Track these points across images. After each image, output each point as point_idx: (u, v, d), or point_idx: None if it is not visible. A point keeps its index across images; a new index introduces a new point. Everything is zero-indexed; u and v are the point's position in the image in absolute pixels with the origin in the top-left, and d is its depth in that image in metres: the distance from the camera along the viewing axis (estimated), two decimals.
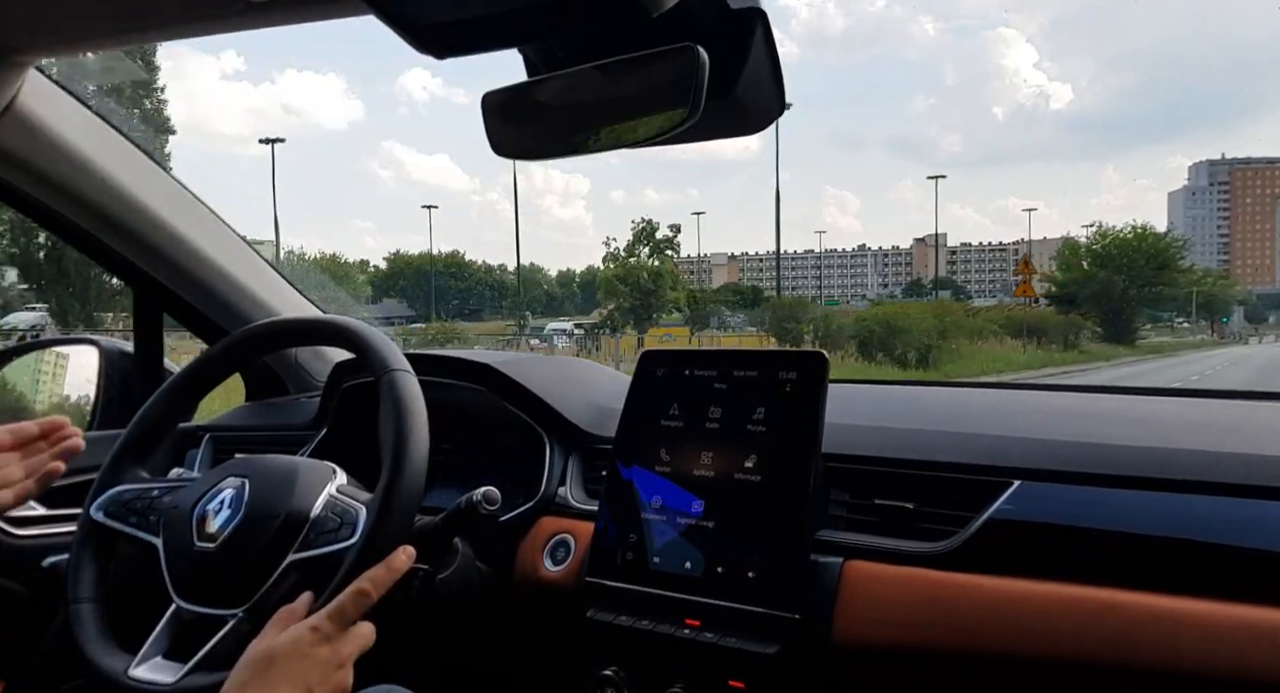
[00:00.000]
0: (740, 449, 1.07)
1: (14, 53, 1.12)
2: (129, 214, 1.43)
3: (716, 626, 1.00)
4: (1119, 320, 38.19)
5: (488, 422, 1.36)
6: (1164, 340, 47.69)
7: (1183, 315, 66.34)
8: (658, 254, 39.37)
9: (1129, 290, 39.66)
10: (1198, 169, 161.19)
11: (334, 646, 0.84)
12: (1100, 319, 37.60)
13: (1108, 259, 41.10)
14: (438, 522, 1.05)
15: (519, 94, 0.81)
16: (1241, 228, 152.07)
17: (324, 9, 0.96)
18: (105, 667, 0.97)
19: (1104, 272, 39.88)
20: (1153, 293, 41.01)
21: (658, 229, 40.00)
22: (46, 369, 1.83)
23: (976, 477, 1.01)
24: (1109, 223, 54.91)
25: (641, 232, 39.45)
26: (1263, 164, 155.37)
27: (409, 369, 1.03)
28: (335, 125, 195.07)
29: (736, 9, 0.71)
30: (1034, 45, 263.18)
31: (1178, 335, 58.95)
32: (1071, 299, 38.26)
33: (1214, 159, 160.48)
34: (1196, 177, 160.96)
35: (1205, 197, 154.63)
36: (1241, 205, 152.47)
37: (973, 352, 23.60)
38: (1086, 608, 0.87)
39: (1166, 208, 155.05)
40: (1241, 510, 0.89)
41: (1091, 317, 37.38)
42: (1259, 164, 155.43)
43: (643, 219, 40.31)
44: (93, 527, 1.08)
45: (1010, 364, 22.42)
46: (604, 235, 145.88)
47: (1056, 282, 43.97)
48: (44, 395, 1.84)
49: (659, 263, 39.28)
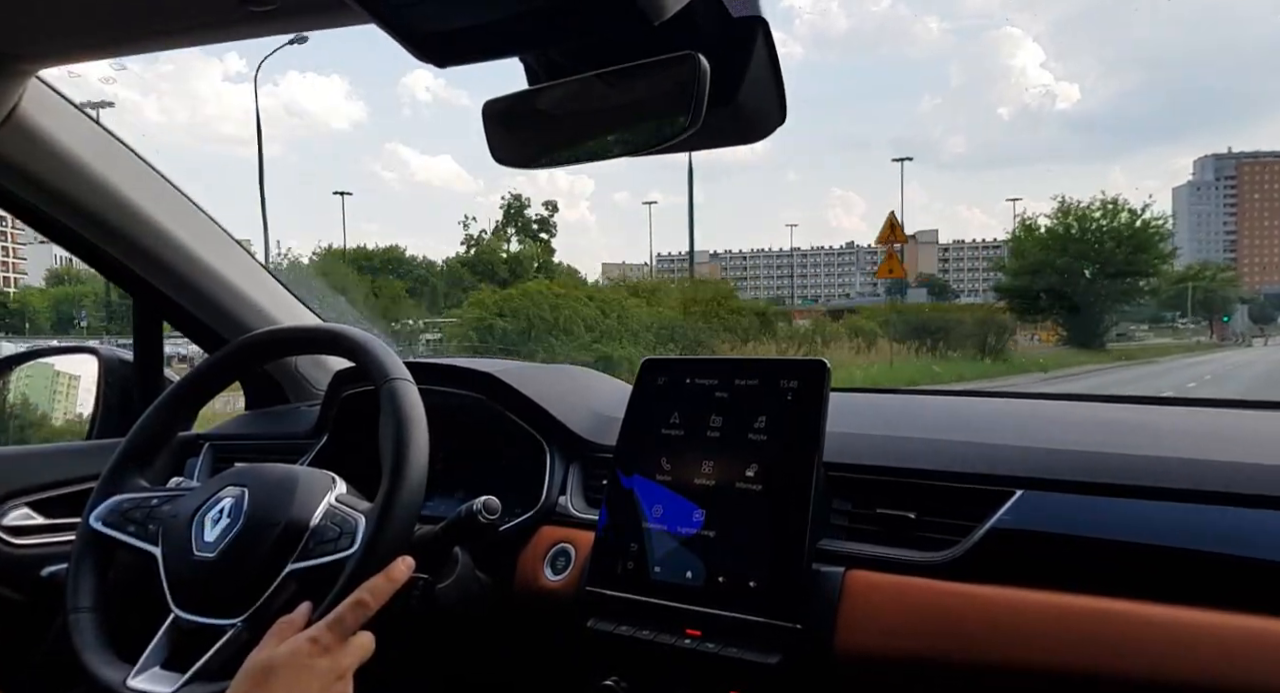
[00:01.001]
0: (741, 458, 1.06)
1: (16, 61, 1.13)
2: (129, 223, 1.43)
3: (718, 636, 1.00)
4: (1084, 319, 31.01)
5: (488, 430, 1.35)
6: (1146, 344, 40.90)
7: (1186, 314, 59.55)
8: (528, 237, 32.90)
9: (1096, 281, 31.28)
10: (1203, 163, 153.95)
11: (333, 657, 0.84)
12: (1062, 317, 31.49)
13: (1070, 242, 32.28)
14: (438, 531, 1.05)
15: (520, 102, 0.81)
16: (1249, 225, 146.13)
17: (325, 18, 0.96)
18: (103, 677, 0.97)
19: (1064, 257, 31.44)
20: (1125, 285, 32.17)
21: (527, 206, 33.17)
22: (47, 378, 1.83)
23: (979, 486, 1.00)
24: (1074, 197, 45.06)
25: (510, 210, 32.66)
26: (1271, 158, 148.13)
27: (409, 378, 1.03)
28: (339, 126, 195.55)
29: (738, 17, 0.71)
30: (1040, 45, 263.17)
31: (1179, 336, 53.31)
32: (1025, 293, 31.28)
33: (1220, 153, 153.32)
34: (1202, 171, 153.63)
35: (1211, 192, 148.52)
36: (1249, 201, 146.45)
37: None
38: (1089, 618, 0.86)
39: (1171, 203, 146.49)
40: (1244, 520, 0.88)
41: (1052, 314, 31.70)
42: (1267, 158, 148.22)
43: (511, 194, 34.18)
44: (92, 536, 1.08)
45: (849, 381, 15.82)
46: (608, 238, 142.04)
47: (1008, 270, 35.68)
48: (44, 404, 1.84)
49: (522, 247, 32.13)
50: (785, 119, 0.78)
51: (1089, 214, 32.81)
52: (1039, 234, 33.50)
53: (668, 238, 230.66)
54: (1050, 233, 33.09)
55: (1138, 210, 32.45)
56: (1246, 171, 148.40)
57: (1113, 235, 31.75)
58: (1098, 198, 33.76)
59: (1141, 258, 31.66)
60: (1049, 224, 33.68)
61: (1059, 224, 33.07)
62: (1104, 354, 28.67)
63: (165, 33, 1.04)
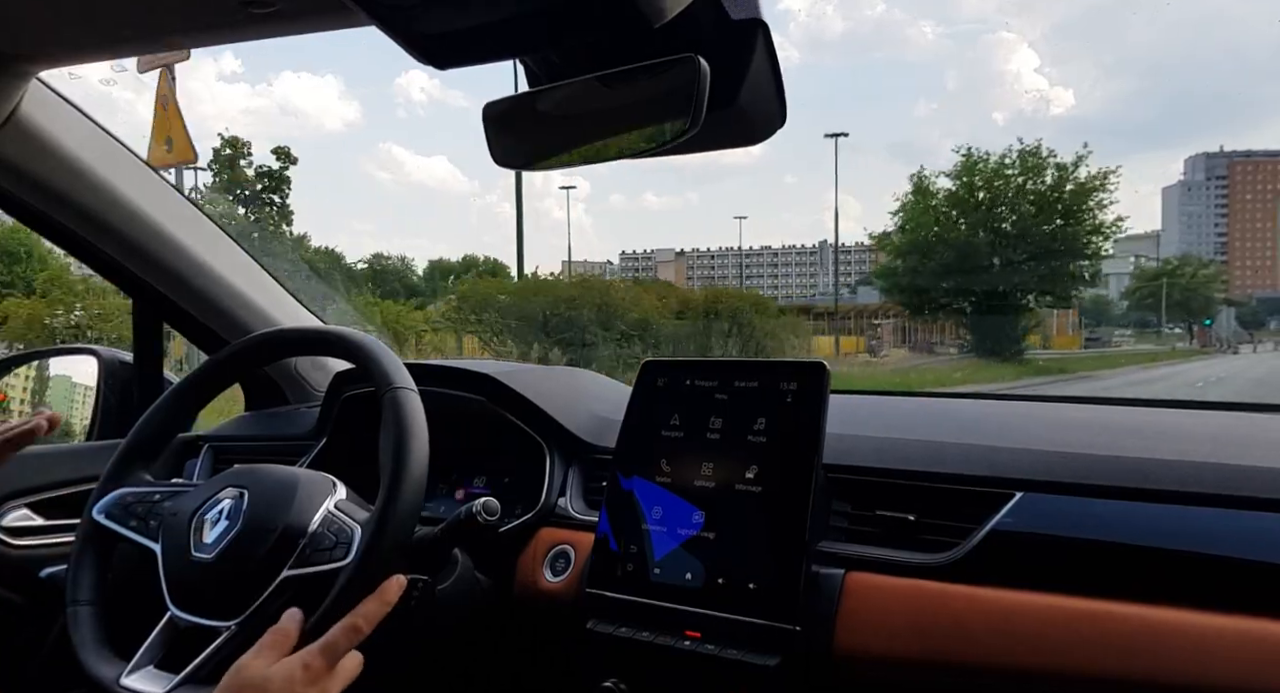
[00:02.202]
0: (741, 460, 1.06)
1: (17, 63, 1.13)
2: (129, 224, 1.43)
3: (717, 637, 1.00)
4: (992, 319, 22.05)
5: (488, 432, 1.35)
6: (1106, 352, 32.18)
7: (1161, 317, 53.10)
8: (249, 196, 21.90)
9: (1008, 263, 21.90)
10: (1194, 163, 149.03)
11: (322, 686, 0.85)
12: (967, 316, 22.72)
13: (970, 209, 22.49)
14: (437, 532, 1.05)
15: (519, 104, 0.81)
16: (1241, 226, 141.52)
17: (325, 19, 0.96)
18: (98, 673, 0.97)
19: (963, 228, 22.13)
20: (1050, 267, 22.29)
21: (247, 150, 21.72)
22: (46, 379, 1.83)
23: (978, 488, 1.00)
24: (983, 150, 30.01)
25: (222, 159, 20.77)
26: (1264, 157, 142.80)
27: (412, 386, 1.02)
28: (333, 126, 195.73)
29: (737, 19, 0.71)
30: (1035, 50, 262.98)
31: (1162, 342, 47.78)
32: (909, 285, 22.73)
33: (1211, 152, 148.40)
34: (1193, 171, 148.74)
35: (1202, 192, 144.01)
36: (1241, 202, 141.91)
37: None
38: (1088, 620, 0.86)
39: (1160, 204, 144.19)
40: (1243, 522, 0.88)
41: (951, 311, 22.85)
42: (1260, 157, 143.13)
43: (224, 136, 21.99)
44: (94, 529, 1.08)
45: None
46: (611, 242, 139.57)
47: (890, 249, 24.35)
48: (43, 405, 1.84)
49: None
50: (785, 121, 0.79)
51: (1001, 171, 22.93)
52: (934, 200, 23.62)
53: (630, 237, 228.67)
54: (950, 198, 23.31)
55: (1069, 164, 22.82)
56: (1239, 171, 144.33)
57: (1035, 199, 22.64)
58: (1014, 148, 23.53)
59: (1071, 230, 22.38)
60: (950, 185, 23.64)
61: (960, 185, 23.20)
62: (1019, 366, 21.33)
63: (167, 34, 1.04)
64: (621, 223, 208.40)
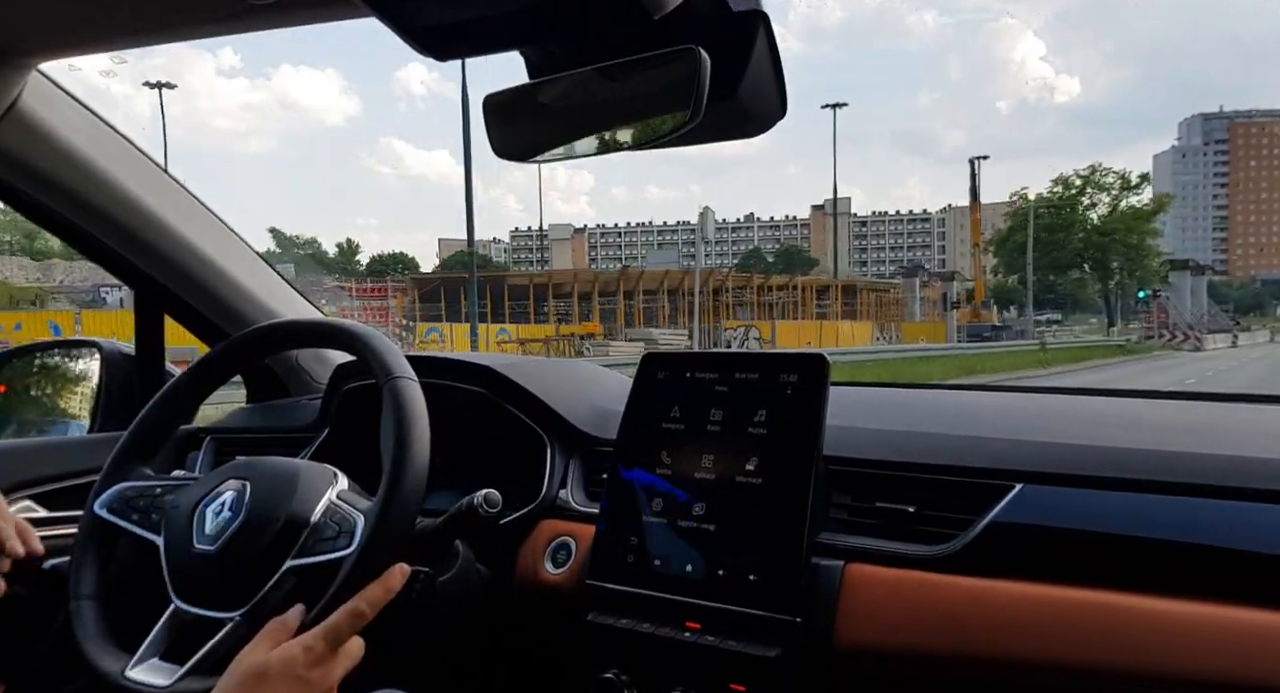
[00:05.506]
0: (741, 452, 1.06)
1: (16, 55, 1.13)
2: (130, 216, 1.43)
3: (717, 628, 1.00)
4: None
5: (489, 423, 1.36)
6: (984, 351, 24.46)
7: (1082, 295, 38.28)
8: None
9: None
10: (1189, 125, 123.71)
11: (325, 668, 0.85)
12: None
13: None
14: (438, 524, 1.05)
15: (520, 96, 0.81)
16: (1243, 197, 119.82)
17: (325, 11, 0.96)
18: (103, 666, 0.98)
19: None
20: None
21: None
22: (48, 372, 1.83)
23: (978, 480, 1.01)
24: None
25: None
26: (1269, 118, 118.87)
27: (413, 376, 1.03)
28: (334, 121, 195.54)
29: (738, 11, 0.71)
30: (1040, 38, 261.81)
31: (1099, 330, 34.74)
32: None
33: (1210, 112, 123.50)
34: (1188, 134, 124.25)
35: (1198, 159, 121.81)
36: (1244, 169, 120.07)
37: None
38: (1088, 612, 0.87)
39: (1151, 172, 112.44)
40: (1244, 514, 0.89)
41: None
42: (1264, 118, 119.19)
43: None
44: (96, 523, 1.08)
45: None
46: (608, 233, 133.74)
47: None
48: (45, 398, 1.84)
49: None
50: (786, 113, 0.78)
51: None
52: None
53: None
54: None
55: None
56: (1240, 134, 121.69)
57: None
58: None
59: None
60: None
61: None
62: None
63: (166, 26, 1.04)
64: (625, 215, 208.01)
